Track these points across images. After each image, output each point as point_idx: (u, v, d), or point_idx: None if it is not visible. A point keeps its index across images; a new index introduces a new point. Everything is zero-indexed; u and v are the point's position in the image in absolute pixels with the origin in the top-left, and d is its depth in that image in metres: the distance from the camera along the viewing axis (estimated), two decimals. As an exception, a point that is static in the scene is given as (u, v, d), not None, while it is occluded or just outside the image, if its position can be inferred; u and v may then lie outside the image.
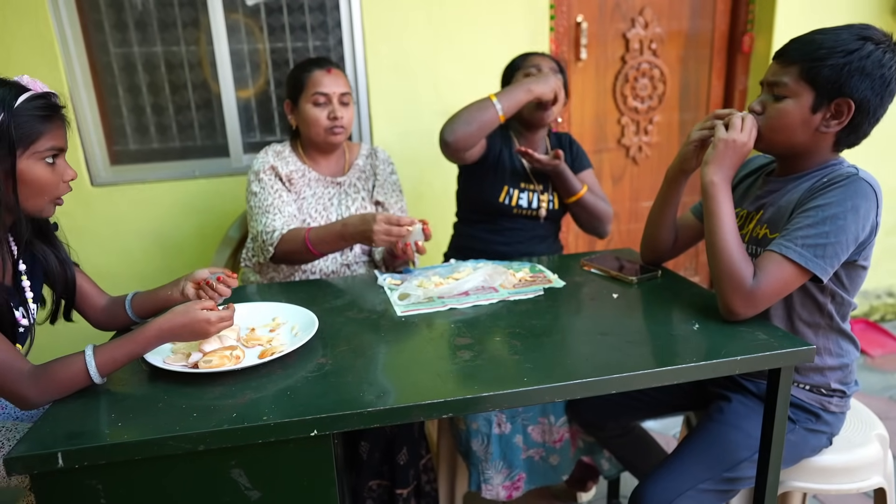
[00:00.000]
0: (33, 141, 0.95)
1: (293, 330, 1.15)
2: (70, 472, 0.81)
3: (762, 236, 1.18)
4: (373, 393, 0.92)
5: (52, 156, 0.99)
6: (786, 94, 1.10)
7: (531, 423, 1.56)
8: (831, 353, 1.20)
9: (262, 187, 1.62)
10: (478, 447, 1.53)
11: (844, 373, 1.21)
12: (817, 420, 1.21)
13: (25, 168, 0.95)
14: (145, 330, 0.95)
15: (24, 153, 0.95)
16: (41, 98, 0.97)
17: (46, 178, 0.98)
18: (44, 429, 0.84)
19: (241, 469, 0.87)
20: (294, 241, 1.53)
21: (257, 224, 1.60)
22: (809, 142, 1.13)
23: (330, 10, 2.29)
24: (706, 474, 1.15)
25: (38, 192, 0.98)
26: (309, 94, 1.62)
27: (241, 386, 0.95)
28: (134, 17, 2.16)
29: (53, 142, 0.98)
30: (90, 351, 0.92)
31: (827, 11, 2.61)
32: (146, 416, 0.88)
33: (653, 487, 1.16)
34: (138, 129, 2.27)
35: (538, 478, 1.60)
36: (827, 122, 1.09)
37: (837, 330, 1.19)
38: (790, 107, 1.10)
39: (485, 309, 1.25)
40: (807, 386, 1.21)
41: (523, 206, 1.79)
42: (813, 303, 1.16)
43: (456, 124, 1.62)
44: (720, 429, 1.20)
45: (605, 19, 2.60)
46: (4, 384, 0.89)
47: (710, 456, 1.17)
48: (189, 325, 0.97)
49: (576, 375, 0.95)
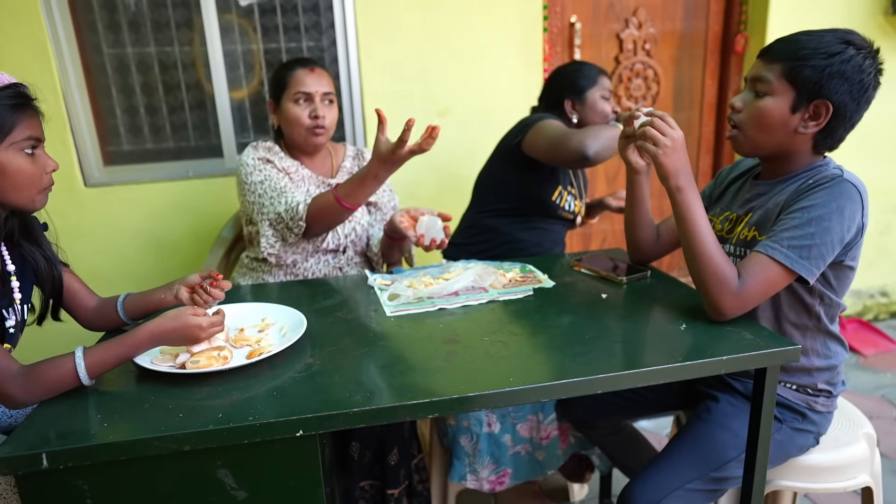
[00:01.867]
0: (8, 132, 0.95)
1: (282, 330, 1.15)
2: (56, 473, 0.81)
3: (751, 238, 1.19)
4: (360, 393, 0.92)
5: (31, 147, 0.99)
6: (767, 91, 1.11)
7: (521, 420, 1.57)
8: (819, 354, 1.20)
9: (266, 175, 1.59)
10: (466, 444, 1.54)
11: (832, 373, 1.22)
12: (804, 419, 1.21)
13: (5, 160, 0.95)
14: (136, 333, 0.96)
15: (1, 145, 0.95)
16: (8, 88, 0.96)
17: (28, 170, 0.98)
18: (29, 429, 0.84)
19: (228, 469, 0.88)
20: (323, 203, 1.48)
21: (276, 206, 1.56)
22: (789, 142, 1.14)
23: (324, 10, 2.30)
24: (694, 474, 1.16)
25: (20, 185, 0.98)
26: (291, 93, 1.61)
27: (229, 386, 0.96)
28: (127, 17, 2.16)
29: (30, 131, 0.98)
30: (80, 353, 0.92)
31: (820, 12, 2.62)
32: (132, 417, 0.88)
33: (641, 487, 1.16)
34: (132, 129, 2.27)
35: (523, 473, 1.62)
36: (805, 124, 1.11)
37: (825, 332, 1.19)
38: (770, 104, 1.11)
39: (474, 309, 1.26)
40: (794, 386, 1.21)
41: (566, 209, 1.86)
42: (801, 304, 1.17)
43: (600, 146, 1.61)
44: (708, 428, 1.20)
45: (598, 20, 2.61)
46: None
47: (697, 455, 1.18)
48: (180, 330, 0.97)
49: (563, 375, 0.96)
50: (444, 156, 2.43)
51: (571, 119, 1.86)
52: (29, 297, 1.10)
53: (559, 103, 1.86)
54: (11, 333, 1.04)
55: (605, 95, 1.85)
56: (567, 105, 1.85)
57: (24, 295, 1.08)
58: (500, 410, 1.54)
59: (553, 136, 1.69)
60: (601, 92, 1.84)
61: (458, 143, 2.42)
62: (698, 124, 2.89)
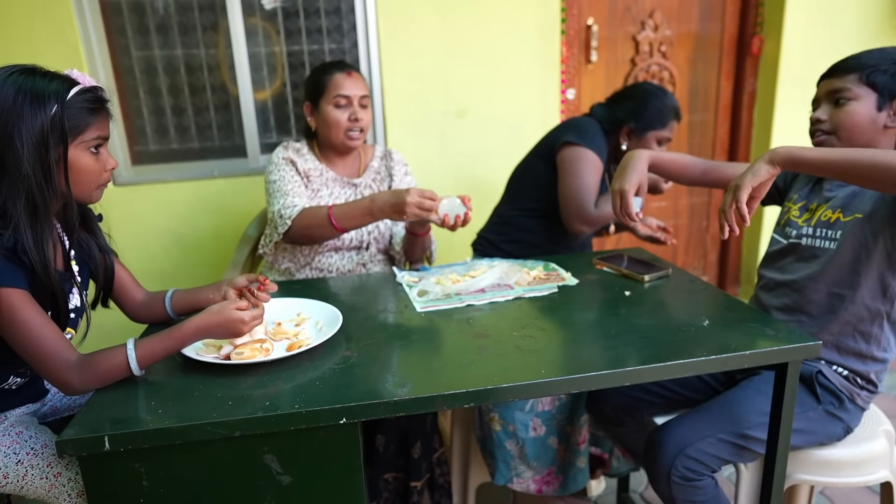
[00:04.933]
0: (82, 131, 1.01)
1: (318, 325, 1.20)
2: (115, 456, 0.86)
3: (834, 220, 1.24)
4: (397, 383, 0.96)
5: (97, 145, 1.04)
6: (850, 97, 1.21)
7: (564, 421, 1.59)
8: (880, 344, 1.24)
9: (280, 175, 1.66)
10: (513, 447, 1.56)
11: (883, 368, 1.26)
12: (840, 406, 1.24)
13: (74, 157, 1.01)
14: (183, 327, 1.01)
15: (73, 143, 1.00)
16: (90, 91, 1.02)
17: (91, 167, 1.04)
18: (90, 415, 0.89)
19: (273, 455, 0.92)
20: (315, 217, 1.53)
21: (275, 203, 1.62)
22: (879, 139, 1.22)
23: (345, 13, 2.34)
24: (726, 426, 1.21)
25: (83, 180, 1.03)
26: (330, 97, 1.67)
27: (272, 377, 1.00)
28: (155, 21, 2.21)
29: (99, 132, 1.04)
30: (131, 345, 0.97)
31: (835, 14, 2.63)
32: (184, 405, 0.92)
33: (675, 428, 1.22)
34: (158, 130, 2.33)
35: (572, 482, 1.64)
36: (893, 118, 1.20)
37: (893, 322, 1.23)
38: (857, 107, 1.21)
39: (501, 305, 1.30)
40: (844, 371, 1.25)
41: None
42: (881, 286, 1.20)
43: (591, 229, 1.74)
44: (744, 392, 1.25)
45: (615, 22, 2.64)
46: (52, 371, 0.95)
47: (731, 411, 1.23)
48: (224, 325, 1.02)
49: (591, 368, 0.99)
50: (463, 156, 2.47)
51: (620, 145, 1.80)
52: (86, 285, 1.16)
53: (619, 123, 1.79)
54: (73, 318, 1.09)
55: (661, 139, 1.78)
56: (624, 131, 1.79)
57: (83, 280, 1.13)
58: (543, 413, 1.56)
59: (575, 187, 1.70)
60: (660, 136, 1.78)
61: (476, 144, 2.46)
62: (713, 126, 2.91)
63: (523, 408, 1.55)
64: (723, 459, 1.22)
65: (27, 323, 0.94)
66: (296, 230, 1.58)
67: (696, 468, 1.19)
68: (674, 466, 1.19)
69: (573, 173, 1.72)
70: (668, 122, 1.77)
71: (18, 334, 0.94)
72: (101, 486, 0.88)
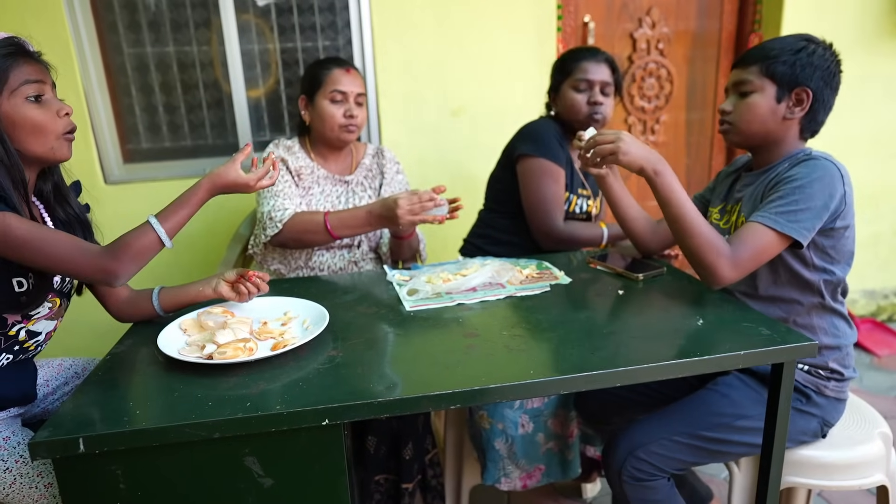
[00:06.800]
0: (5, 80, 0.96)
1: (304, 324, 1.18)
2: (91, 458, 0.84)
3: (741, 223, 1.25)
4: (383, 384, 0.94)
5: (36, 94, 1.00)
6: (751, 89, 1.23)
7: (550, 416, 1.58)
8: (826, 332, 1.25)
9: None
10: (501, 446, 1.55)
11: (841, 354, 1.25)
12: (807, 401, 1.24)
13: (10, 110, 0.97)
14: (196, 191, 1.06)
15: (2, 96, 0.96)
16: (3, 41, 0.98)
17: (37, 116, 1.00)
18: (65, 416, 0.87)
19: (255, 457, 0.90)
20: (310, 223, 1.54)
21: (265, 204, 1.61)
22: (777, 129, 1.24)
23: (339, 10, 2.32)
24: (682, 427, 1.21)
25: (35, 132, 1.00)
26: (327, 91, 1.65)
27: (255, 377, 0.98)
28: (147, 17, 2.19)
29: (25, 76, 0.99)
30: (154, 220, 1.02)
31: (833, 11, 2.61)
32: (163, 405, 0.90)
33: (630, 433, 1.23)
34: (151, 127, 2.31)
35: (555, 472, 1.62)
36: (791, 110, 1.22)
37: (830, 309, 1.24)
38: (757, 99, 1.23)
39: (492, 304, 1.27)
40: (804, 367, 1.25)
41: (578, 212, 1.85)
42: (801, 281, 1.22)
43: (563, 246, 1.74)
44: (707, 394, 1.26)
45: (612, 19, 2.62)
46: (82, 265, 0.96)
47: (689, 413, 1.24)
48: (230, 186, 1.09)
49: (583, 368, 0.97)
50: (458, 154, 2.45)
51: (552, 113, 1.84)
52: None
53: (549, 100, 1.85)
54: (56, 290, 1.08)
55: (576, 86, 1.73)
56: (551, 98, 1.84)
57: None
58: (532, 410, 1.55)
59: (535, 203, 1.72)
60: (573, 82, 1.74)
61: (471, 142, 2.44)
62: (711, 124, 2.89)
63: (512, 405, 1.53)
64: (680, 460, 1.22)
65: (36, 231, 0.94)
66: (287, 234, 1.57)
67: (646, 469, 1.20)
68: (623, 467, 1.21)
69: (532, 189, 1.74)
70: (571, 64, 1.76)
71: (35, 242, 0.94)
72: (76, 489, 0.86)
